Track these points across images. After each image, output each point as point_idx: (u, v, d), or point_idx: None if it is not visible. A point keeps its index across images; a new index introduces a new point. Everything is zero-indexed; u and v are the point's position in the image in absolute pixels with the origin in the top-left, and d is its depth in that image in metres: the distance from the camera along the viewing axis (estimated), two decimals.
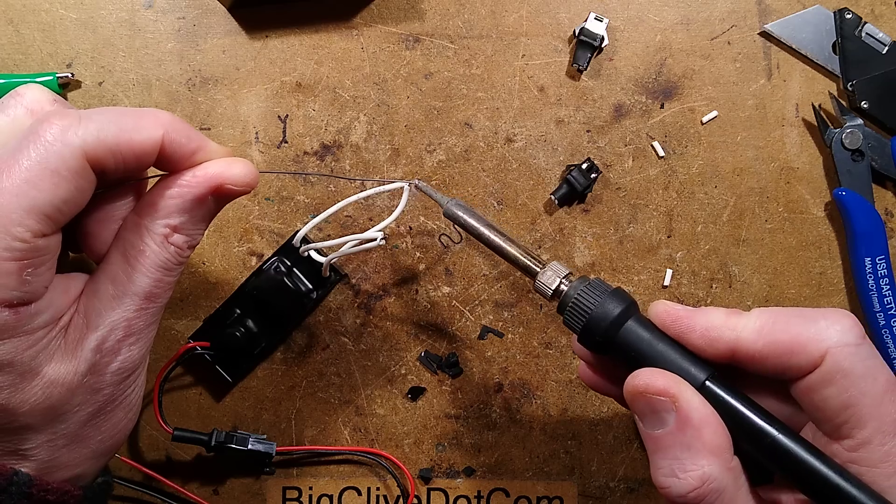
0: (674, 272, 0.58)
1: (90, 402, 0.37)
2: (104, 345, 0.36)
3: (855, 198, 0.56)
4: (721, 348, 0.35)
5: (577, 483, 0.58)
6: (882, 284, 0.56)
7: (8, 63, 0.57)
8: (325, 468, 0.58)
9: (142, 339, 0.37)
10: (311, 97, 0.58)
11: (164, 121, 0.35)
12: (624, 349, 0.37)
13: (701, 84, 0.58)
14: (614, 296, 0.38)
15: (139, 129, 0.34)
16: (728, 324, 0.35)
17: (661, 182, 0.58)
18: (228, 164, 0.37)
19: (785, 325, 0.34)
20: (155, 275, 0.36)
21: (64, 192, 0.32)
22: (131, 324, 0.36)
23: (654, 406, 0.35)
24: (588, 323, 0.38)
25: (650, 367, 0.36)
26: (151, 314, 0.37)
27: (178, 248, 0.37)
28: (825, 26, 0.58)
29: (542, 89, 0.58)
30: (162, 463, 0.57)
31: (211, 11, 0.57)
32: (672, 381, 0.35)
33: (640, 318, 0.38)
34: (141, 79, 0.57)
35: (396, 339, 0.58)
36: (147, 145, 0.34)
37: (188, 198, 0.36)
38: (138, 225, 0.36)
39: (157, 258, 0.36)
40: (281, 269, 0.56)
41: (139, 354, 0.38)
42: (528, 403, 0.58)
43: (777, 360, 0.34)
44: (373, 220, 0.57)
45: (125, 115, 0.34)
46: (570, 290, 0.40)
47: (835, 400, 0.33)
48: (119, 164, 0.34)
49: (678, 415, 0.34)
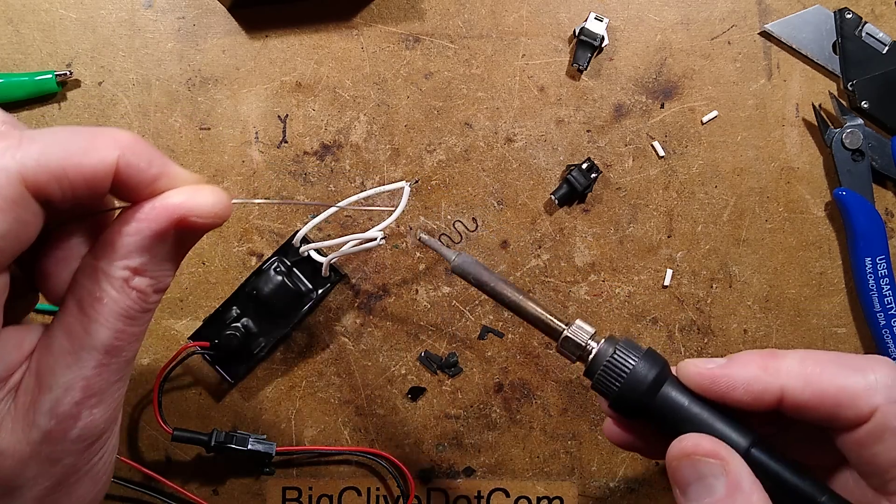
0: (674, 272, 0.58)
1: (47, 476, 0.31)
2: (59, 409, 0.30)
3: (855, 198, 0.56)
4: (767, 401, 0.34)
5: (577, 483, 0.58)
6: (882, 284, 0.56)
7: (8, 63, 0.57)
8: (325, 468, 0.58)
9: (105, 401, 0.32)
10: (311, 97, 0.58)
11: (121, 142, 0.30)
12: (660, 415, 0.35)
13: (701, 84, 0.58)
14: (647, 359, 0.36)
15: (89, 152, 0.29)
16: (770, 372, 0.34)
17: (662, 182, 0.58)
18: (193, 193, 0.31)
19: (832, 375, 0.33)
20: (116, 325, 0.31)
21: (1, 226, 0.27)
22: (90, 383, 0.31)
23: (702, 471, 0.33)
24: (622, 389, 0.36)
25: (688, 431, 0.34)
26: (115, 370, 0.31)
27: (142, 294, 0.31)
28: (825, 26, 0.58)
29: (543, 89, 0.58)
30: (162, 463, 0.57)
31: (211, 11, 0.57)
32: (720, 444, 0.33)
33: (675, 380, 0.36)
34: (141, 78, 0.57)
35: (396, 339, 0.58)
36: (99, 170, 0.29)
37: (147, 234, 0.31)
38: (94, 268, 0.31)
39: (117, 306, 0.31)
40: (281, 269, 0.56)
41: (103, 417, 0.32)
42: (528, 403, 0.58)
43: (823, 412, 0.33)
44: (373, 220, 0.57)
45: (76, 135, 0.29)
46: (599, 353, 0.37)
47: (883, 457, 0.32)
48: (67, 193, 0.29)
49: (728, 480, 0.32)
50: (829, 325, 0.58)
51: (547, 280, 0.58)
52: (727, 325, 0.58)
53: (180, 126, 0.57)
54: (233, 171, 0.57)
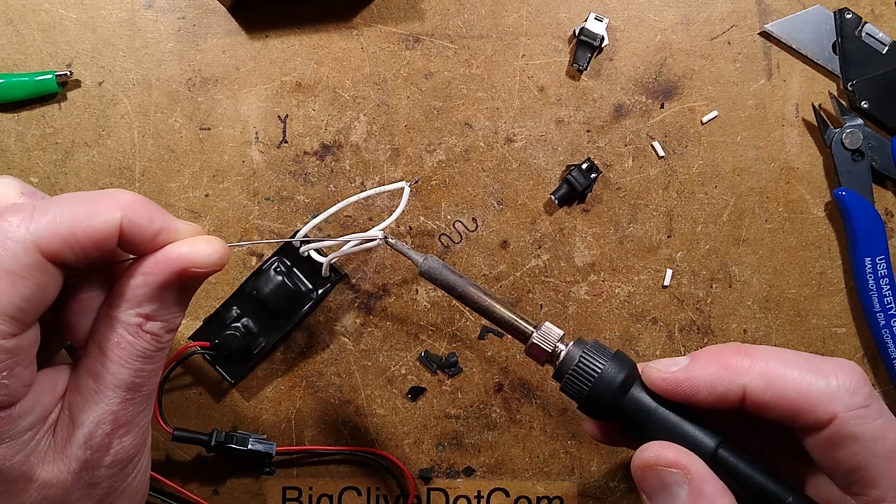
0: (674, 272, 0.58)
1: (89, 497, 0.35)
2: (92, 440, 0.34)
3: (855, 198, 0.56)
4: (730, 400, 0.34)
5: (577, 483, 0.58)
6: (882, 284, 0.56)
7: (8, 63, 0.57)
8: (325, 468, 0.58)
9: (133, 429, 0.36)
10: (311, 97, 0.58)
11: (123, 203, 0.33)
12: (627, 418, 0.36)
13: (701, 84, 0.58)
14: (616, 362, 0.36)
15: (94, 215, 0.32)
16: (731, 371, 0.34)
17: (661, 182, 0.58)
18: (192, 246, 0.35)
19: (795, 377, 0.33)
20: (134, 365, 0.35)
21: (23, 291, 0.31)
22: (118, 416, 0.35)
23: (665, 480, 0.34)
24: (591, 392, 0.36)
25: (656, 436, 0.35)
26: (138, 403, 0.35)
27: (155, 336, 0.35)
28: (825, 26, 0.58)
29: (542, 89, 0.58)
30: (162, 463, 0.57)
31: (211, 11, 0.57)
32: (682, 452, 0.34)
33: (642, 382, 0.36)
34: (141, 79, 0.57)
35: (396, 339, 0.58)
36: (105, 231, 0.32)
37: (154, 285, 0.34)
38: (110, 317, 0.35)
39: (134, 349, 0.34)
40: (281, 269, 0.56)
41: (133, 443, 0.36)
42: (528, 403, 0.58)
43: (784, 413, 0.34)
44: (373, 220, 0.57)
45: (81, 201, 0.33)
46: (568, 356, 0.37)
47: (845, 462, 0.33)
48: (79, 254, 0.32)
49: (690, 487, 0.33)
50: (829, 325, 0.58)
51: (547, 280, 0.58)
52: (727, 325, 0.58)
53: (180, 126, 0.57)
54: (233, 171, 0.57)
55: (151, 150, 0.57)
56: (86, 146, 0.57)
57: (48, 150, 0.57)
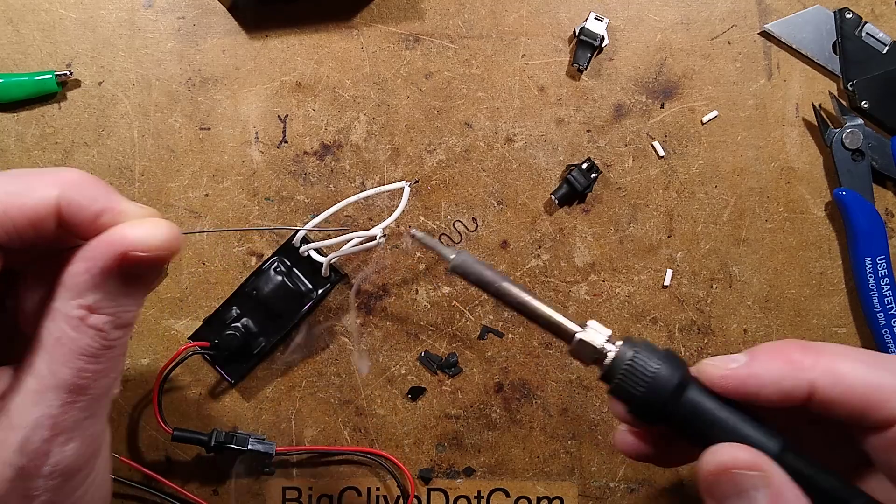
0: (674, 272, 0.58)
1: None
2: (29, 447, 0.31)
3: (855, 198, 0.56)
4: (796, 398, 0.32)
5: (577, 483, 0.58)
6: (882, 284, 0.56)
7: (8, 63, 0.57)
8: (325, 468, 0.58)
9: (77, 438, 0.32)
10: (311, 97, 0.58)
11: (63, 180, 0.30)
12: (685, 421, 0.34)
13: (701, 84, 0.58)
14: (669, 361, 0.34)
15: (28, 192, 0.29)
16: (797, 367, 0.32)
17: (662, 182, 0.58)
18: (134, 229, 0.31)
19: (864, 374, 0.32)
20: (76, 364, 0.31)
21: None
22: (57, 421, 0.31)
23: (741, 484, 0.31)
24: (646, 395, 0.34)
25: (718, 439, 0.33)
26: (83, 408, 0.31)
27: (100, 331, 0.31)
28: (825, 26, 0.58)
29: (543, 89, 0.58)
30: (162, 463, 0.57)
31: (211, 11, 0.57)
32: (758, 454, 0.31)
33: (696, 382, 0.34)
34: (141, 78, 0.57)
35: (396, 339, 0.58)
36: (40, 210, 0.30)
37: (94, 272, 0.30)
38: (52, 309, 0.31)
39: (76, 345, 0.31)
40: (281, 269, 0.56)
41: (75, 453, 0.32)
42: (528, 403, 0.58)
43: (852, 411, 0.32)
44: (373, 220, 0.57)
45: (17, 177, 0.30)
46: (618, 357, 0.35)
47: None
48: (12, 234, 0.29)
49: (771, 491, 0.31)
50: (829, 325, 0.58)
51: (547, 280, 0.58)
52: (727, 325, 0.58)
53: (180, 126, 0.57)
54: (233, 171, 0.57)
55: (151, 149, 0.57)
56: (86, 146, 0.57)
57: (48, 150, 0.57)
